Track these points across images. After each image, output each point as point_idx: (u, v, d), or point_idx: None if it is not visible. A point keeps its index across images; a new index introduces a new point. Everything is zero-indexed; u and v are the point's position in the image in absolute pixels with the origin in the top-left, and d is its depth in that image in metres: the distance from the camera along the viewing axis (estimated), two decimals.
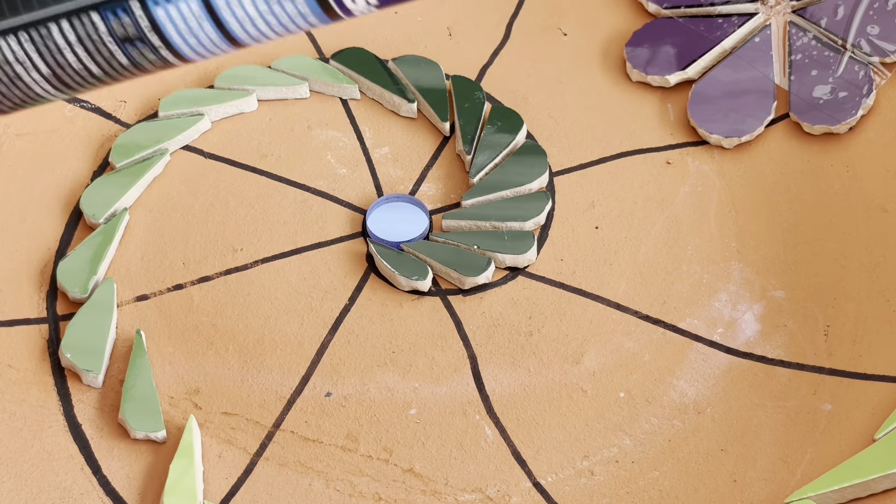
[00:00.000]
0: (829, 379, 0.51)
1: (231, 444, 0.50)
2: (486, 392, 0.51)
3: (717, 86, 0.59)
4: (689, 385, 0.51)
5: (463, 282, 0.54)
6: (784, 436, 0.50)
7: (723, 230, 0.55)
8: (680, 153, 0.58)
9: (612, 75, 0.60)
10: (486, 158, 0.57)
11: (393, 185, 0.57)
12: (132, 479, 0.49)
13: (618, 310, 0.53)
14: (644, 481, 0.49)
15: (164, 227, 0.55)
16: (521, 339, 0.53)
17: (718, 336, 0.53)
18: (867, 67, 0.59)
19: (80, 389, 0.51)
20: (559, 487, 0.49)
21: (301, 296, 0.54)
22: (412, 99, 0.58)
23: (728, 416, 0.51)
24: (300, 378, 0.52)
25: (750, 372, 0.52)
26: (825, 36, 0.60)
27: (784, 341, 0.52)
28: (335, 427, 0.51)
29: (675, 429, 0.50)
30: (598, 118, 0.59)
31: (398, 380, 0.52)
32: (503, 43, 0.61)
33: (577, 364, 0.52)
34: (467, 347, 0.52)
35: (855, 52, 0.59)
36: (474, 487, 0.49)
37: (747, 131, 0.57)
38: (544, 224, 0.56)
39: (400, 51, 0.60)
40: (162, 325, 0.53)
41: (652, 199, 0.56)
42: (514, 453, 0.50)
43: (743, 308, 0.53)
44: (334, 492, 0.49)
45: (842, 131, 0.57)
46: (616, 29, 0.61)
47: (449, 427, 0.51)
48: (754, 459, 0.49)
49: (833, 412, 0.50)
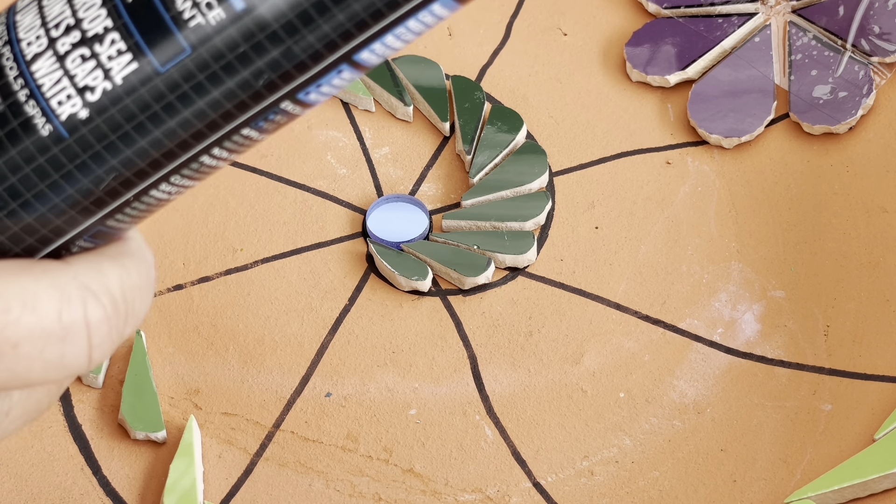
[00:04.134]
0: (829, 379, 0.51)
1: (231, 445, 0.50)
2: (486, 392, 0.51)
3: (716, 86, 0.59)
4: (689, 385, 0.51)
5: (463, 282, 0.54)
6: (784, 436, 0.50)
7: (722, 230, 0.55)
8: (680, 153, 0.58)
9: (612, 75, 0.60)
10: (486, 158, 0.57)
11: (393, 186, 0.57)
12: (132, 480, 0.49)
13: (618, 310, 0.53)
14: (644, 481, 0.49)
15: (164, 228, 0.55)
16: (520, 340, 0.53)
17: (718, 336, 0.53)
18: (867, 67, 0.59)
19: (80, 389, 0.51)
20: (559, 487, 0.49)
21: (301, 296, 0.54)
22: (409, 102, 0.58)
23: (728, 416, 0.51)
24: (300, 378, 0.52)
25: (750, 372, 0.52)
26: (825, 36, 0.60)
27: (784, 341, 0.52)
28: (335, 427, 0.51)
29: (674, 429, 0.50)
30: (598, 118, 0.59)
31: (398, 380, 0.52)
32: (503, 43, 0.61)
33: (577, 364, 0.52)
34: (467, 347, 0.52)
35: (855, 52, 0.59)
36: (474, 487, 0.49)
37: (747, 131, 0.57)
38: (544, 224, 0.56)
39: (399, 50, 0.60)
40: (162, 326, 0.53)
41: (652, 199, 0.56)
42: (514, 453, 0.50)
43: (743, 308, 0.53)
44: (334, 492, 0.49)
45: (842, 131, 0.57)
46: (616, 29, 0.61)
47: (449, 427, 0.51)
48: (754, 459, 0.49)
49: (833, 412, 0.50)
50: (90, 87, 0.30)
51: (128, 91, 0.30)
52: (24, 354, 0.30)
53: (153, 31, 0.30)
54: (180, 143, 0.32)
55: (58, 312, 0.30)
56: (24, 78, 0.30)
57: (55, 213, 0.32)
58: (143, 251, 0.34)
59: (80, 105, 0.30)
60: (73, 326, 0.31)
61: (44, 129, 0.30)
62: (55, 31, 0.31)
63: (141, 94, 0.30)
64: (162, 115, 0.31)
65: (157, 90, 0.30)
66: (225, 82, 0.31)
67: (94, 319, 0.31)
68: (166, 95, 0.30)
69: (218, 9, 0.30)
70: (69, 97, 0.30)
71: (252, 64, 0.30)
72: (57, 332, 0.30)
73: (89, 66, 0.30)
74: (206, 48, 0.30)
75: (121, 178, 0.32)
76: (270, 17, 0.30)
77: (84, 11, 0.31)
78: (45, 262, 0.31)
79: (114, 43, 0.30)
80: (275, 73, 0.31)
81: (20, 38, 0.31)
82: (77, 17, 0.31)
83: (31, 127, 0.30)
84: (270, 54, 0.30)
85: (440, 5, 0.31)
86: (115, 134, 0.31)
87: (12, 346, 0.30)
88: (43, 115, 0.30)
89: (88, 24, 0.30)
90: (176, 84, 0.30)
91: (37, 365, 0.30)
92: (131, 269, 0.33)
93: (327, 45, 0.31)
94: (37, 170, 0.31)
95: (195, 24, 0.30)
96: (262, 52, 0.30)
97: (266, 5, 0.30)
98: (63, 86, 0.30)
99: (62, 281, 0.31)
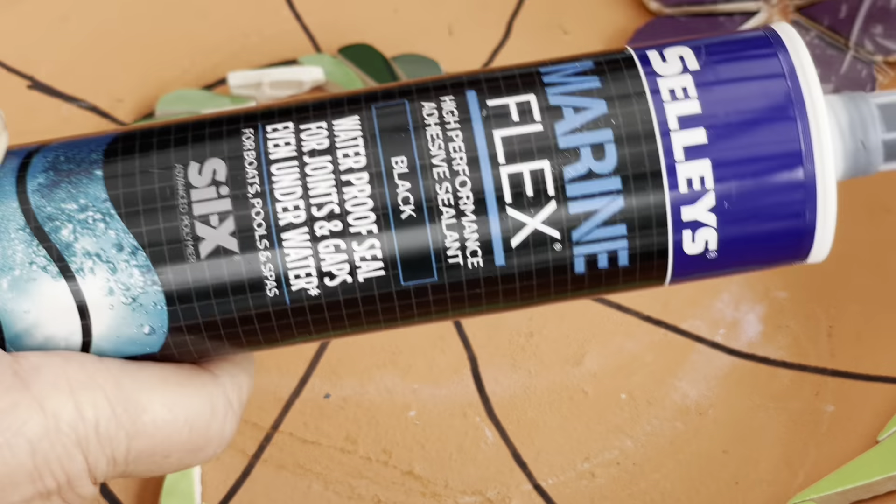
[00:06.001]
0: (832, 380, 0.51)
1: (229, 446, 0.50)
2: (487, 394, 0.51)
3: None
4: (691, 386, 0.51)
5: None
6: (786, 437, 0.50)
7: None
8: None
9: None
10: None
11: None
12: (129, 482, 0.49)
13: (619, 311, 0.53)
14: (645, 483, 0.49)
15: None
16: (521, 341, 0.52)
17: (720, 337, 0.52)
18: (870, 66, 0.58)
19: None
20: (560, 489, 0.49)
21: None
22: None
23: (730, 417, 0.50)
24: (298, 379, 0.52)
25: (752, 373, 0.51)
26: (828, 35, 0.60)
27: (787, 342, 0.52)
28: (334, 429, 0.50)
29: (676, 430, 0.50)
30: None
31: (398, 381, 0.51)
32: (503, 41, 0.61)
33: (578, 365, 0.52)
34: (467, 349, 0.52)
35: (858, 51, 0.59)
36: (474, 490, 0.49)
37: None
38: None
39: (399, 49, 0.60)
40: None
41: None
42: (515, 455, 0.50)
43: (745, 309, 0.53)
44: (333, 494, 0.49)
45: None
46: (617, 27, 0.61)
47: (449, 429, 0.50)
48: (756, 461, 0.49)
49: (836, 413, 0.50)
50: (332, 275, 0.32)
51: (363, 289, 0.33)
52: (172, 462, 0.35)
53: (413, 256, 0.32)
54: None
55: (207, 429, 0.35)
56: (271, 240, 0.32)
57: (235, 345, 0.34)
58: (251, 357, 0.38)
59: (314, 285, 0.32)
60: (214, 440, 0.35)
61: (270, 292, 0.33)
62: (316, 210, 0.32)
63: (373, 294, 0.33)
64: (377, 314, 0.34)
65: (389, 297, 0.33)
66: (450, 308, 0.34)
67: (230, 433, 0.35)
68: (394, 302, 0.33)
69: (479, 258, 0.33)
70: (308, 275, 0.32)
71: (479, 303, 0.34)
72: (201, 445, 0.35)
73: (340, 258, 0.32)
74: (451, 279, 0.33)
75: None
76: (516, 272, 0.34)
77: (352, 206, 0.32)
78: (202, 375, 0.35)
79: (372, 248, 0.32)
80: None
81: (277, 198, 0.32)
82: (344, 208, 0.32)
83: (260, 285, 0.32)
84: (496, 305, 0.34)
85: None
86: (330, 313, 0.33)
87: (164, 456, 0.34)
88: (276, 281, 0.32)
89: (354, 220, 0.32)
90: (407, 296, 0.33)
91: (176, 466, 0.35)
92: (252, 377, 0.37)
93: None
94: (246, 317, 0.33)
95: (453, 262, 0.33)
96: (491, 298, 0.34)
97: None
98: (307, 264, 0.32)
99: (214, 395, 0.35)
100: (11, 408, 0.31)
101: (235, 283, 0.32)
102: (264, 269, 0.32)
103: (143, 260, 0.32)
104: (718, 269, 0.34)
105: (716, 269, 0.34)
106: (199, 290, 0.32)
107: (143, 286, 0.32)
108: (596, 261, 0.33)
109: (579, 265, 0.34)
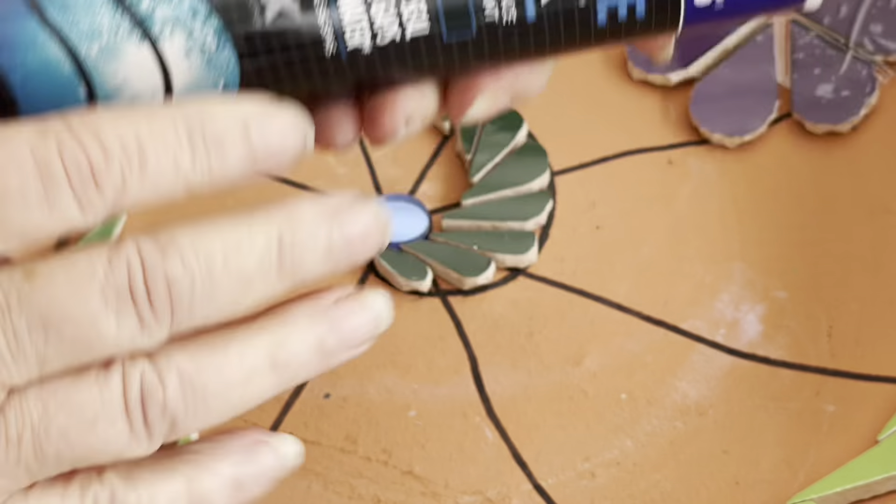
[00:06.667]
0: (832, 380, 0.51)
1: None
2: (487, 393, 0.51)
3: (719, 85, 0.59)
4: (691, 386, 0.51)
5: (463, 282, 0.53)
6: (787, 437, 0.50)
7: (725, 230, 0.55)
8: (682, 152, 0.57)
9: (614, 74, 0.60)
10: (486, 158, 0.57)
11: (392, 185, 0.57)
12: None
13: (619, 310, 0.53)
14: (646, 483, 0.49)
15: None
16: (521, 340, 0.52)
17: (721, 337, 0.52)
18: (870, 66, 0.58)
19: None
20: (560, 489, 0.49)
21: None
22: None
23: (730, 417, 0.50)
24: None
25: (752, 373, 0.51)
26: (828, 34, 0.59)
27: (787, 342, 0.52)
28: (334, 429, 0.50)
29: (676, 430, 0.50)
30: (599, 117, 0.59)
31: (397, 381, 0.51)
32: None
33: (578, 365, 0.52)
34: (467, 348, 0.52)
35: (858, 51, 0.59)
36: (474, 489, 0.49)
37: (749, 130, 0.57)
38: (545, 224, 0.56)
39: None
40: None
41: (653, 198, 0.56)
42: (515, 455, 0.50)
43: (745, 309, 0.53)
44: (333, 494, 0.49)
45: (845, 130, 0.57)
46: None
47: (449, 429, 0.50)
48: (757, 461, 0.49)
49: (836, 413, 0.50)
50: (383, 34, 0.36)
51: (412, 47, 0.36)
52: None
53: (455, 11, 0.36)
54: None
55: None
56: (328, 0, 0.36)
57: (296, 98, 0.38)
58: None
59: (367, 44, 0.36)
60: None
61: (328, 51, 0.36)
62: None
63: (420, 52, 0.36)
64: (425, 69, 0.37)
65: (434, 54, 0.36)
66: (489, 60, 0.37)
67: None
68: (439, 59, 0.36)
69: (513, 13, 0.36)
70: (362, 34, 0.36)
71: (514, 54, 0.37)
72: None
73: (389, 19, 0.36)
74: (489, 34, 0.36)
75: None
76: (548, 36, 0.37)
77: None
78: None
79: (418, 7, 0.36)
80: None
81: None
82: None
83: (318, 44, 0.36)
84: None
85: None
86: (384, 71, 0.37)
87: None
88: (335, 39, 0.36)
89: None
90: (451, 54, 0.36)
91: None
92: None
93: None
94: (306, 75, 0.37)
95: (490, 19, 0.36)
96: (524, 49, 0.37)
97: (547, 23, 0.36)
98: (362, 25, 0.36)
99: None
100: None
101: (298, 41, 0.36)
102: (323, 28, 0.35)
103: (216, 23, 0.35)
104: (726, 16, 0.38)
105: (723, 16, 0.38)
106: (266, 47, 0.36)
107: (217, 46, 0.35)
108: (616, 13, 0.36)
109: (602, 17, 0.36)
